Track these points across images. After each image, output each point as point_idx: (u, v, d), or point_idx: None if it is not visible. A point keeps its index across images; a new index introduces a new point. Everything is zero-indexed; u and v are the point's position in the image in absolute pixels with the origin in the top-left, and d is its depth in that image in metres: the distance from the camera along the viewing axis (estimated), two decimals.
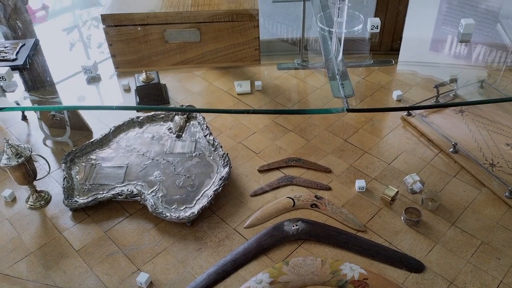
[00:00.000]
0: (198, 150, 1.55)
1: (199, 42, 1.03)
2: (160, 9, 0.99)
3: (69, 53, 1.28)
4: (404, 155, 1.56)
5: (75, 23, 1.36)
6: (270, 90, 1.83)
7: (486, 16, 1.46)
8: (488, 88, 1.49)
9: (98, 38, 1.27)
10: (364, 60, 1.28)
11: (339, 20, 1.22)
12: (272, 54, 1.82)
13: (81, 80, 1.16)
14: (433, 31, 1.58)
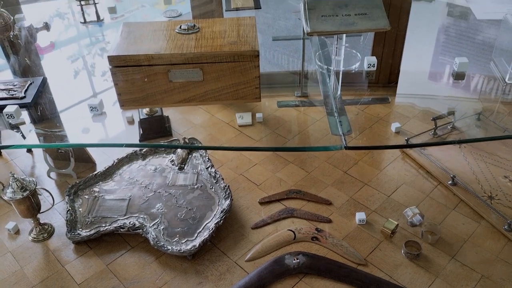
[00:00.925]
0: (200, 182, 1.57)
1: (201, 81, 1.06)
2: (164, 51, 1.03)
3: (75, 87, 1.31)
4: (403, 187, 1.58)
5: (80, 54, 1.40)
6: (271, 122, 1.86)
7: (483, 48, 1.50)
8: (485, 121, 1.52)
9: (103, 66, 1.32)
10: (362, 97, 1.31)
11: (337, 58, 1.26)
12: (273, 86, 1.85)
13: (87, 115, 1.19)
14: (430, 64, 1.62)
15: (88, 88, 1.31)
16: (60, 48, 1.39)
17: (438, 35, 1.58)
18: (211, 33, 1.11)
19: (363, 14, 1.15)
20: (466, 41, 1.52)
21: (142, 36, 1.10)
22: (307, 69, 1.88)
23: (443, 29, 1.56)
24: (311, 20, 1.15)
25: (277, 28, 1.70)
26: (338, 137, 1.04)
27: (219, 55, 1.04)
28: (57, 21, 1.56)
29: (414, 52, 1.74)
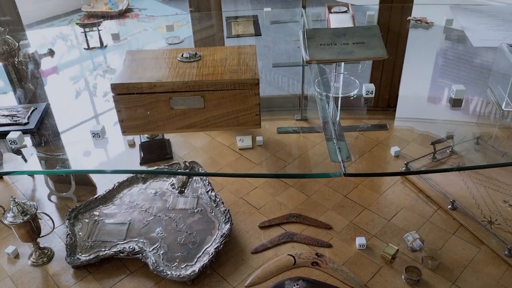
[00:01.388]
0: (200, 206, 1.57)
1: (203, 108, 1.08)
2: (166, 79, 1.05)
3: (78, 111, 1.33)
4: (403, 211, 1.58)
5: (83, 79, 1.43)
6: (271, 145, 1.87)
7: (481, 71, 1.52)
8: (484, 145, 1.53)
9: (105, 90, 1.34)
10: (360, 124, 1.33)
11: (335, 85, 1.28)
12: (273, 109, 1.88)
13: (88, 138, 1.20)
14: (428, 88, 1.64)
15: (91, 111, 1.32)
16: (63, 74, 1.41)
17: (436, 60, 1.61)
18: (212, 61, 1.14)
19: (361, 43, 1.17)
20: (464, 65, 1.54)
21: (145, 64, 1.13)
22: (307, 93, 1.91)
23: (441, 54, 1.59)
24: (310, 48, 1.17)
25: (277, 51, 1.73)
26: (337, 163, 1.05)
27: (220, 83, 1.06)
28: (61, 47, 1.59)
29: (412, 77, 1.76)
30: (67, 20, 3.49)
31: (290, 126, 1.44)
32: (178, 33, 1.91)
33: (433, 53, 1.58)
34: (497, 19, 1.52)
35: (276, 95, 2.10)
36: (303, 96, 1.96)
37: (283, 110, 1.97)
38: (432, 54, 1.58)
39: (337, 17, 1.54)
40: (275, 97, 2.09)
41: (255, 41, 1.59)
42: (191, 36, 1.82)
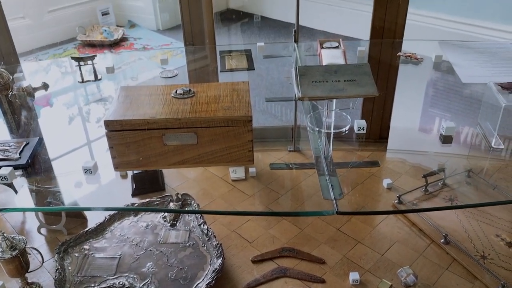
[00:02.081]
0: (192, 240, 1.55)
1: (196, 144, 1.08)
2: (160, 116, 1.06)
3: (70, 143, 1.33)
4: (396, 245, 1.57)
5: (77, 112, 1.43)
6: (264, 177, 1.87)
7: (470, 102, 1.55)
8: (475, 178, 1.55)
9: (98, 121, 1.34)
10: (352, 160, 1.34)
11: (327, 120, 1.30)
12: (266, 140, 1.89)
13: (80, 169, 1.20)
14: (419, 121, 1.66)
15: (84, 145, 1.32)
16: (57, 107, 1.41)
17: (426, 95, 1.63)
18: (206, 97, 1.15)
19: (352, 81, 1.19)
20: (453, 101, 1.57)
21: (139, 101, 1.13)
22: (299, 124, 1.93)
23: (430, 89, 1.62)
24: (302, 85, 1.19)
25: (270, 85, 1.75)
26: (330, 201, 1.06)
27: (214, 120, 1.07)
28: (55, 80, 1.59)
29: (403, 110, 1.79)
30: (62, 48, 3.52)
31: (283, 162, 1.44)
32: (172, 62, 1.94)
33: (423, 88, 1.61)
34: (484, 55, 1.56)
35: (269, 126, 2.12)
36: (296, 128, 1.97)
37: (276, 141, 1.99)
38: (422, 89, 1.61)
39: (329, 53, 1.57)
40: (268, 128, 2.10)
41: (249, 75, 1.61)
42: (185, 65, 1.84)
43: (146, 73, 2.05)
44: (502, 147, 1.20)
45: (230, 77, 1.60)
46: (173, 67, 1.93)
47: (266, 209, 1.78)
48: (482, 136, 1.25)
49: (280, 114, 2.29)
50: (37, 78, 1.63)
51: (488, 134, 1.22)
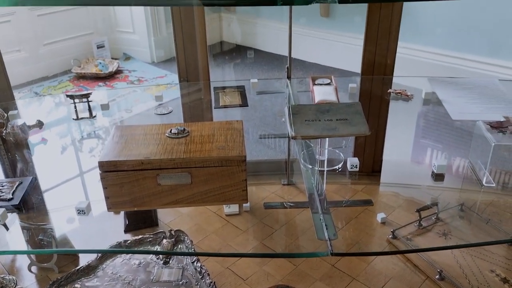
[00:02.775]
0: (185, 278, 1.53)
1: (190, 184, 1.09)
2: (154, 156, 1.07)
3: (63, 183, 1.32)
4: (392, 282, 1.56)
5: (71, 146, 1.43)
6: (258, 211, 1.86)
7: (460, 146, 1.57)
8: (468, 211, 1.55)
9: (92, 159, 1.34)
10: (345, 199, 1.35)
11: (320, 158, 1.31)
12: (260, 174, 1.89)
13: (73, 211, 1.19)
14: (411, 154, 1.68)
15: (77, 183, 1.32)
16: (51, 145, 1.41)
17: (417, 129, 1.66)
18: (200, 137, 1.16)
19: (344, 120, 1.21)
20: (444, 137, 1.59)
21: (133, 140, 1.14)
22: (293, 158, 1.94)
23: (421, 124, 1.64)
24: (295, 124, 1.21)
25: (264, 122, 1.77)
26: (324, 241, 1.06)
27: (208, 160, 1.07)
28: (50, 117, 1.60)
29: (395, 144, 1.81)
30: (57, 81, 3.55)
31: (277, 202, 1.44)
32: (167, 94, 1.96)
33: (413, 124, 1.64)
34: (473, 92, 1.60)
35: (262, 159, 2.13)
36: (289, 162, 1.98)
37: (270, 174, 1.99)
38: (413, 125, 1.63)
39: (321, 89, 1.60)
40: (262, 162, 2.11)
41: (242, 111, 1.63)
42: (179, 98, 1.86)
43: (140, 105, 2.07)
44: (493, 185, 1.21)
45: (224, 113, 1.62)
46: (168, 98, 1.96)
47: (260, 245, 1.77)
48: (473, 173, 1.26)
49: (274, 146, 2.31)
50: (32, 114, 1.64)
51: (479, 171, 1.23)
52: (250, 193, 2.04)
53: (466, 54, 2.99)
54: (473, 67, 2.99)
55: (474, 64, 2.99)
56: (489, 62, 2.93)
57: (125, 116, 1.87)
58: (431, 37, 3.10)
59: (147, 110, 1.86)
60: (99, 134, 1.48)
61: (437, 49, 3.10)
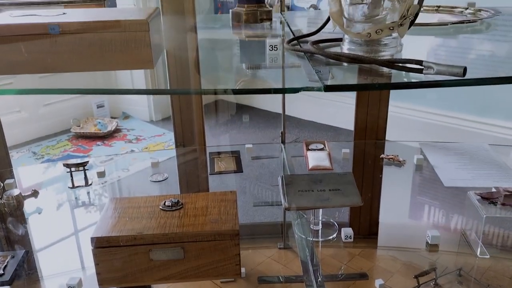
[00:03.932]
0: None
1: (182, 259, 1.08)
2: (147, 231, 1.07)
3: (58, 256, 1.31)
4: None
5: (66, 216, 1.43)
6: (253, 277, 1.83)
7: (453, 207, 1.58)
8: (466, 276, 1.53)
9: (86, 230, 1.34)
10: (340, 272, 1.33)
11: (314, 228, 1.31)
12: (255, 237, 1.87)
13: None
14: (407, 217, 1.67)
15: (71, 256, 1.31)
16: (46, 215, 1.41)
17: (411, 195, 1.67)
18: (194, 209, 1.16)
19: (337, 190, 1.23)
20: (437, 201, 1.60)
21: (127, 214, 1.15)
22: (289, 221, 1.93)
23: (415, 190, 1.65)
24: (289, 195, 1.22)
25: (258, 189, 1.79)
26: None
27: (201, 234, 1.08)
28: (46, 185, 1.61)
29: (391, 207, 1.81)
30: (56, 140, 3.59)
31: (272, 275, 1.42)
32: (163, 154, 1.97)
33: (407, 189, 1.65)
34: (464, 157, 1.62)
35: (258, 222, 2.12)
36: (285, 225, 1.97)
37: (265, 237, 1.97)
38: (407, 191, 1.65)
39: (315, 155, 1.63)
40: (257, 225, 2.10)
41: (237, 178, 1.65)
42: (175, 161, 1.88)
43: (137, 164, 2.08)
44: (487, 256, 1.21)
45: (219, 179, 1.64)
46: (164, 158, 1.98)
47: None
48: (467, 244, 1.26)
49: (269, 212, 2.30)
50: (28, 181, 1.65)
51: (473, 243, 1.23)
52: (245, 257, 2.01)
53: (457, 113, 3.07)
54: (464, 125, 3.05)
55: (464, 122, 3.06)
56: (479, 121, 3.00)
57: (122, 175, 1.88)
58: (421, 97, 3.19)
59: (145, 168, 1.88)
60: (94, 202, 1.48)
61: (429, 108, 3.18)
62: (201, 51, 1.19)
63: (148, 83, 3.76)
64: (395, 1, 0.89)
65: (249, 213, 1.88)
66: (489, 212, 1.16)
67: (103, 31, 0.85)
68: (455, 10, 1.48)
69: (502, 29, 1.32)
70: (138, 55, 0.87)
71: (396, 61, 0.82)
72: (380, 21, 0.90)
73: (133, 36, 0.86)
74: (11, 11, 1.00)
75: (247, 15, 1.40)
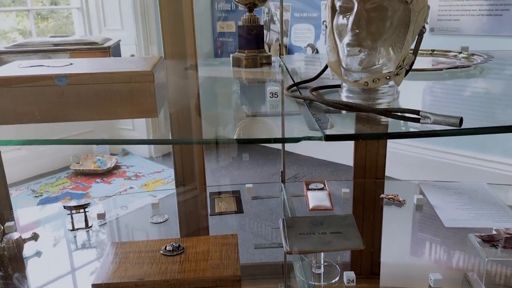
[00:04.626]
0: None
1: None
2: (148, 277, 1.06)
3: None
4: None
5: (65, 259, 1.42)
6: None
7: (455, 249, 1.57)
8: None
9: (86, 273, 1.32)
10: None
11: (316, 271, 1.30)
12: (256, 277, 1.85)
13: None
14: (408, 256, 1.66)
15: None
16: (46, 258, 1.40)
17: (412, 235, 1.66)
18: (195, 254, 1.16)
19: (338, 233, 1.23)
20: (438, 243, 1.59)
21: (127, 259, 1.14)
22: (290, 261, 1.91)
23: (415, 231, 1.65)
24: (290, 238, 1.22)
25: (259, 229, 1.78)
26: None
27: (202, 280, 1.07)
28: (46, 228, 1.61)
29: (392, 247, 1.80)
30: (55, 178, 3.59)
31: None
32: (163, 191, 1.96)
33: (408, 230, 1.64)
34: (464, 196, 1.63)
35: (258, 262, 2.09)
36: (286, 266, 1.95)
37: (266, 278, 1.95)
38: (408, 231, 1.64)
39: (315, 195, 1.64)
40: (258, 265, 2.08)
41: (237, 218, 1.65)
42: (175, 201, 1.88)
43: (136, 202, 2.08)
44: None
45: (219, 220, 1.64)
46: (163, 195, 1.98)
47: None
48: (469, 286, 1.25)
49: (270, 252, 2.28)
50: (28, 224, 1.64)
51: (475, 284, 1.22)
52: None
53: (455, 149, 3.09)
54: (462, 161, 3.07)
55: (463, 158, 3.08)
56: (477, 157, 3.02)
57: (121, 213, 1.87)
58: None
59: (143, 206, 1.88)
60: (94, 245, 1.48)
61: (426, 144, 3.21)
62: (203, 98, 1.22)
63: (149, 125, 3.80)
64: (391, 52, 0.93)
65: (250, 252, 1.86)
66: (490, 256, 1.16)
67: (110, 83, 0.88)
68: (449, 54, 1.53)
69: (496, 74, 1.36)
70: (143, 105, 0.89)
71: (394, 110, 0.84)
72: (376, 70, 0.93)
73: (139, 86, 0.88)
74: (19, 61, 1.03)
75: (247, 60, 1.44)
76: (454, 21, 3.09)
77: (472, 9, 3.00)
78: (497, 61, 1.42)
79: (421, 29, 0.93)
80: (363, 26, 0.88)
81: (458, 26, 3.09)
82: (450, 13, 3.10)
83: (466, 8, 3.02)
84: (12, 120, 0.90)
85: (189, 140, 1.36)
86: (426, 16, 0.94)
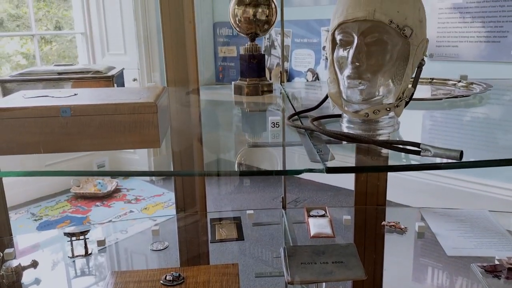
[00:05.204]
0: None
1: None
2: None
3: None
4: None
5: (64, 282, 1.40)
6: None
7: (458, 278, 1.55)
8: None
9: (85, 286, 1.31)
10: None
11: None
12: None
13: None
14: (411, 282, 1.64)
15: None
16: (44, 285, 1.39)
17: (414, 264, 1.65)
18: (195, 284, 1.15)
19: (340, 262, 1.22)
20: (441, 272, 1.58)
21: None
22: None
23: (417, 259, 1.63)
24: (291, 268, 1.21)
25: (260, 252, 1.77)
26: None
27: None
28: (45, 254, 1.60)
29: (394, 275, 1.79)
30: (55, 201, 3.58)
31: None
32: (164, 213, 1.95)
33: (410, 258, 1.63)
34: (465, 224, 1.62)
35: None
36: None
37: None
38: (410, 259, 1.63)
39: (316, 222, 1.63)
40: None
41: (238, 245, 1.64)
42: (175, 220, 1.86)
43: (136, 226, 2.07)
44: None
45: (220, 247, 1.62)
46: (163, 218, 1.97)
47: None
48: None
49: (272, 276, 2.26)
50: (27, 250, 1.63)
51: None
52: None
53: (457, 174, 3.09)
54: (463, 187, 3.06)
55: (465, 183, 3.07)
56: (479, 182, 3.02)
57: (121, 237, 1.86)
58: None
59: (143, 230, 1.87)
60: (94, 273, 1.46)
61: None
62: (204, 127, 1.23)
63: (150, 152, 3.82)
64: (391, 84, 0.94)
65: (251, 279, 1.85)
66: (492, 285, 1.15)
67: (113, 114, 0.89)
68: (448, 83, 1.54)
69: (494, 105, 1.37)
70: (146, 136, 0.90)
71: (394, 142, 0.85)
72: (377, 102, 0.94)
73: (142, 117, 0.89)
74: (24, 91, 1.05)
75: (249, 88, 1.46)
76: (453, 47, 3.14)
77: (470, 35, 3.05)
78: (496, 91, 1.44)
79: (421, 61, 0.95)
80: (363, 59, 0.90)
81: (457, 52, 3.13)
82: (448, 39, 3.15)
83: (464, 35, 3.07)
84: (15, 151, 0.91)
85: (191, 172, 1.36)
86: (425, 49, 0.96)
